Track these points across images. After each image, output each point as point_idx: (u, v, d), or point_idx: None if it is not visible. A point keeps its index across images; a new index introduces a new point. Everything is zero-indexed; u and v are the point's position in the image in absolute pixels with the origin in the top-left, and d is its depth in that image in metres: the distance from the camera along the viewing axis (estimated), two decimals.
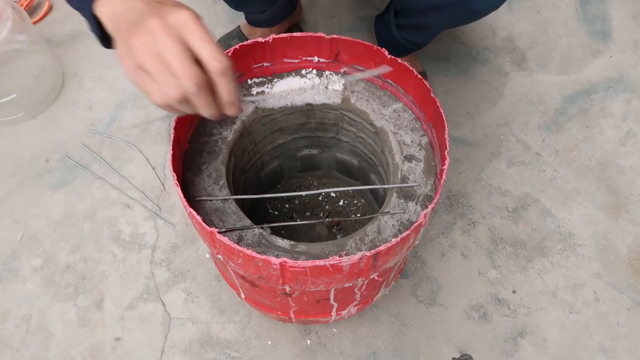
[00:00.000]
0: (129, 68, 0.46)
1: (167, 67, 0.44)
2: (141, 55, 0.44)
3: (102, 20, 0.49)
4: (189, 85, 0.44)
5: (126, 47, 0.45)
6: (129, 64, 0.46)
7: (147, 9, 0.46)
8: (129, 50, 0.45)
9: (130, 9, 0.47)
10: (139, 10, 0.46)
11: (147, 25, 0.44)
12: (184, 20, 0.45)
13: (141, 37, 0.44)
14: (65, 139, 1.04)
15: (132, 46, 0.45)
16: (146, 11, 0.45)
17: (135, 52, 0.44)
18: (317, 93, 0.71)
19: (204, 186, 0.63)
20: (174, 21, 0.44)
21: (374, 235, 0.59)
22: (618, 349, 0.84)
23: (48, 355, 0.83)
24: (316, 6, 1.22)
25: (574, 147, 1.04)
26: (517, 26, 1.21)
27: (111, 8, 0.48)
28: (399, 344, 0.84)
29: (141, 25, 0.44)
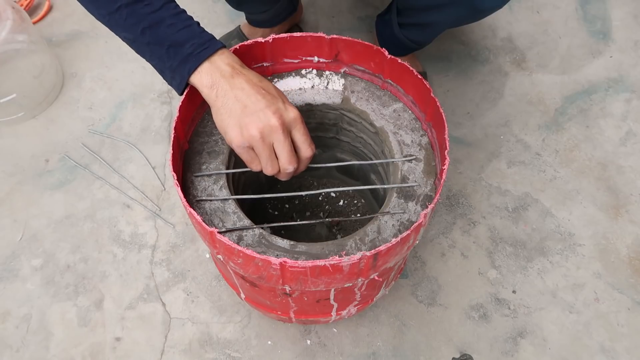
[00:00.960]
0: (238, 144, 0.56)
1: (274, 154, 0.57)
2: (256, 142, 0.55)
3: (201, 88, 0.57)
4: (290, 168, 0.58)
5: (240, 129, 0.55)
6: (239, 142, 0.56)
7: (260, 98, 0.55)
8: (244, 132, 0.55)
9: (238, 89, 0.56)
10: (250, 93, 0.55)
11: (268, 120, 0.54)
12: (294, 119, 0.56)
13: (260, 127, 0.54)
14: (65, 139, 1.04)
15: (250, 133, 0.55)
16: (263, 103, 0.55)
17: (252, 138, 0.55)
18: (317, 93, 0.71)
19: (204, 186, 0.63)
20: (287, 120, 0.56)
21: (374, 235, 0.59)
22: (618, 349, 0.84)
23: (48, 355, 0.83)
24: (316, 6, 1.22)
25: (574, 147, 1.04)
26: (517, 26, 1.21)
27: (212, 80, 0.56)
28: (399, 344, 0.84)
29: (262, 118, 0.54)
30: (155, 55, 0.58)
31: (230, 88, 0.55)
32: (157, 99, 1.09)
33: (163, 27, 0.56)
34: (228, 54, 0.58)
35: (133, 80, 1.12)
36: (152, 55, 0.58)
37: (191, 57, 0.56)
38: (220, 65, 0.56)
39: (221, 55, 0.57)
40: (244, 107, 0.55)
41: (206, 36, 0.57)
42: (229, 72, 0.56)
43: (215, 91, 0.56)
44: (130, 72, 1.13)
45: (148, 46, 0.57)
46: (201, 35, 0.57)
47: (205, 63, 0.56)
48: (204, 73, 0.56)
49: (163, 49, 0.57)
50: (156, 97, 1.09)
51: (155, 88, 1.10)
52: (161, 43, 0.56)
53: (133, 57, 1.15)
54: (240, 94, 0.55)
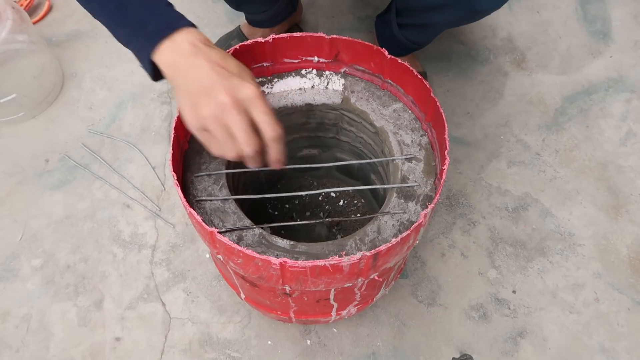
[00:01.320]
0: (194, 127, 0.53)
1: (231, 136, 0.52)
2: (209, 123, 0.52)
3: (162, 68, 0.54)
4: (248, 150, 0.53)
5: (193, 110, 0.52)
6: (194, 124, 0.53)
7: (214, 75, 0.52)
8: (196, 113, 0.52)
9: (195, 67, 0.52)
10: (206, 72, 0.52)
11: (219, 99, 0.51)
12: (250, 95, 0.52)
13: (211, 107, 0.51)
14: (65, 139, 1.04)
15: (201, 113, 0.52)
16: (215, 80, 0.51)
17: (204, 119, 0.52)
18: (317, 93, 0.71)
19: (204, 186, 0.63)
20: (241, 96, 0.52)
21: (374, 235, 0.59)
22: (618, 349, 0.84)
23: (48, 355, 0.83)
24: (316, 6, 1.22)
25: (574, 147, 1.04)
26: (517, 26, 1.21)
27: (172, 59, 0.53)
28: (399, 344, 0.84)
29: (212, 96, 0.51)
30: (126, 37, 0.56)
31: (188, 68, 0.52)
32: (157, 99, 1.09)
33: (130, 8, 0.54)
34: (194, 32, 0.54)
35: (133, 80, 1.12)
36: (123, 37, 0.56)
37: (153, 36, 0.53)
38: (182, 43, 0.53)
39: (185, 33, 0.54)
40: (199, 86, 0.52)
41: (172, 14, 0.55)
42: (190, 50, 0.53)
43: (174, 71, 0.53)
44: (130, 72, 1.13)
45: (118, 28, 0.56)
46: (167, 13, 0.55)
47: (166, 41, 0.53)
48: (164, 52, 0.53)
49: (130, 29, 0.55)
50: (156, 97, 1.09)
51: (155, 88, 1.10)
52: (128, 24, 0.55)
53: (133, 57, 1.15)
54: (196, 72, 0.52)
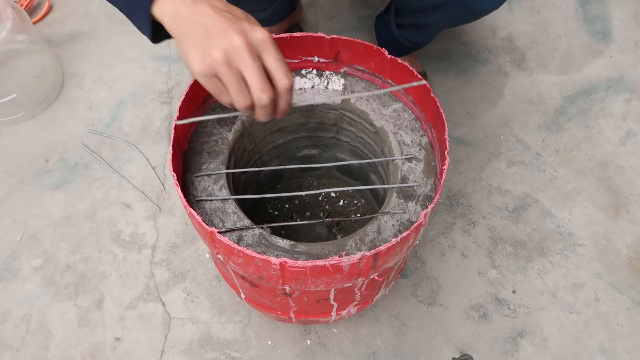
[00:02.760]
0: (201, 73, 0.49)
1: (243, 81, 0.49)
2: (220, 67, 0.48)
3: (163, 19, 0.51)
4: (264, 98, 0.49)
5: (203, 54, 0.48)
6: (202, 69, 0.49)
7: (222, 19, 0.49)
8: (205, 57, 0.48)
9: (199, 13, 0.49)
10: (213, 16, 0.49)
11: (232, 41, 0.48)
12: (263, 40, 0.49)
13: (223, 50, 0.48)
14: (65, 139, 1.04)
15: (212, 56, 0.48)
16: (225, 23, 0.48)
17: (215, 62, 0.48)
18: (317, 93, 0.71)
19: (204, 186, 0.63)
20: (254, 40, 0.49)
21: (374, 235, 0.59)
22: (618, 349, 0.84)
23: (48, 355, 0.83)
24: (316, 6, 1.22)
25: (574, 147, 1.04)
26: (517, 26, 1.21)
27: (173, 8, 0.50)
28: (399, 344, 0.84)
29: (224, 39, 0.48)
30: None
31: (191, 14, 0.50)
32: (157, 99, 1.09)
33: None
34: None
35: (133, 80, 1.12)
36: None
37: None
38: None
39: None
40: (205, 30, 0.49)
41: None
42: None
43: (177, 19, 0.50)
44: (130, 72, 1.13)
45: None
46: None
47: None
48: (164, 2, 0.51)
49: None
50: (156, 97, 1.09)
51: (155, 88, 1.10)
52: None
53: (133, 57, 1.16)
54: (201, 18, 0.49)
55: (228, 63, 0.48)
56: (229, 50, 0.48)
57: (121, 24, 1.20)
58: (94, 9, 1.22)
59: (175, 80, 1.11)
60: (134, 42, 1.17)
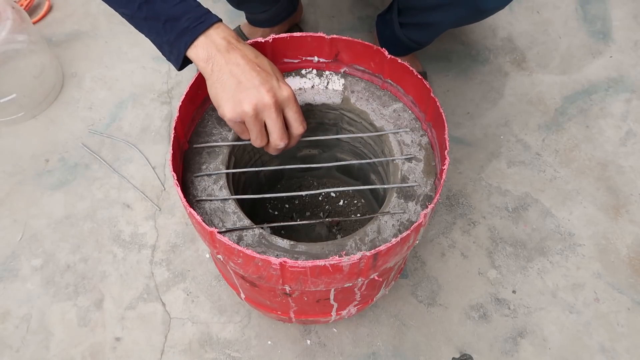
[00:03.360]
0: (231, 119, 0.57)
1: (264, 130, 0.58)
2: (249, 118, 0.56)
3: (197, 62, 0.58)
4: (280, 145, 0.59)
5: (236, 104, 0.56)
6: (232, 116, 0.57)
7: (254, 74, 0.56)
8: (237, 108, 0.56)
9: (233, 64, 0.56)
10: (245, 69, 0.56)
11: (262, 98, 0.55)
12: (288, 98, 0.57)
13: (254, 104, 0.55)
14: (65, 139, 1.04)
15: (243, 108, 0.56)
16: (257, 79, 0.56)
17: (244, 114, 0.56)
18: (317, 93, 0.71)
19: (204, 186, 0.63)
20: (281, 98, 0.57)
21: (374, 235, 0.59)
22: (618, 349, 0.84)
23: (48, 355, 0.83)
24: (316, 6, 1.22)
25: (574, 147, 1.04)
26: (517, 26, 1.21)
27: (207, 53, 0.57)
28: (399, 344, 0.84)
29: (256, 95, 0.55)
30: (153, 30, 0.59)
31: (225, 63, 0.56)
32: (157, 99, 1.09)
33: (159, 2, 0.57)
34: (224, 27, 0.58)
35: (133, 80, 1.12)
36: (150, 30, 0.59)
37: (187, 31, 0.57)
38: (216, 39, 0.57)
39: (217, 29, 0.57)
40: (239, 82, 0.56)
41: (202, 10, 0.58)
42: (225, 46, 0.57)
43: (210, 65, 0.57)
44: (130, 72, 1.13)
45: (145, 21, 0.58)
46: (197, 9, 0.58)
47: (201, 37, 0.57)
48: (200, 47, 0.57)
49: (160, 23, 0.57)
50: (156, 97, 1.09)
51: (155, 88, 1.10)
52: (158, 18, 0.57)
53: (133, 57, 1.16)
54: (235, 70, 0.56)
55: (256, 115, 0.56)
56: (259, 106, 0.56)
57: (121, 24, 1.18)
58: (94, 9, 1.22)
59: (175, 80, 1.11)
60: (134, 42, 1.17)
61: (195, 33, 0.57)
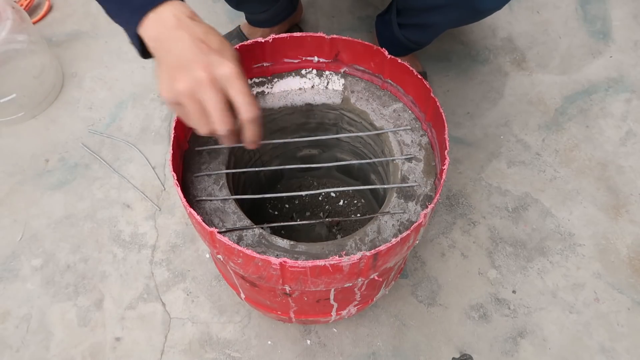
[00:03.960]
0: (168, 100, 0.52)
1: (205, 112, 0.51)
2: (183, 98, 0.51)
3: (145, 40, 0.53)
4: (221, 129, 0.52)
5: (169, 83, 0.51)
6: (168, 97, 0.52)
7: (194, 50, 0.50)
8: (171, 87, 0.51)
9: (177, 40, 0.51)
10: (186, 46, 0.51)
11: (195, 74, 0.50)
12: (228, 74, 0.50)
13: (187, 82, 0.50)
14: (65, 139, 1.04)
15: (176, 87, 0.50)
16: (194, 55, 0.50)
17: (179, 93, 0.51)
18: (317, 93, 0.71)
19: (204, 186, 0.63)
20: (219, 74, 0.50)
21: (374, 235, 0.59)
22: (618, 349, 0.84)
23: (48, 355, 0.83)
24: (316, 6, 1.22)
25: (574, 147, 1.04)
26: (517, 26, 1.21)
27: (156, 31, 0.52)
28: (399, 344, 0.84)
29: (188, 71, 0.50)
30: (113, 11, 0.56)
31: (169, 41, 0.52)
32: (157, 99, 1.09)
33: None
34: (179, 5, 0.53)
35: (133, 80, 1.12)
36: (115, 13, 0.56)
37: (139, 9, 0.53)
38: (166, 16, 0.52)
39: (169, 6, 0.53)
40: (176, 60, 0.51)
41: None
42: (173, 23, 0.52)
43: (158, 43, 0.53)
44: (130, 72, 1.13)
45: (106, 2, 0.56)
46: None
47: (151, 14, 0.52)
48: (149, 25, 0.52)
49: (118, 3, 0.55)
50: (156, 97, 1.09)
51: (155, 88, 1.10)
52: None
53: (133, 57, 1.16)
54: (177, 46, 0.51)
55: (190, 95, 0.50)
56: (192, 84, 0.50)
57: None
58: (94, 9, 1.22)
59: None
60: None
61: (145, 9, 0.52)
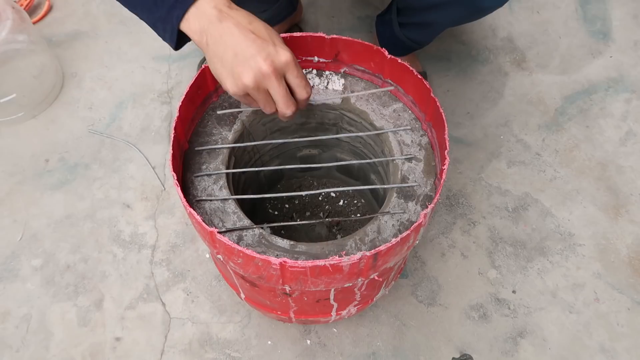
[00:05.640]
0: (235, 94, 0.56)
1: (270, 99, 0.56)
2: (251, 90, 0.55)
3: (191, 35, 0.56)
4: (287, 112, 0.57)
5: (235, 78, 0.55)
6: (235, 91, 0.56)
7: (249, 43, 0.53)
8: (237, 82, 0.55)
9: (227, 34, 0.54)
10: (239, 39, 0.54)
11: (260, 68, 0.53)
12: (286, 62, 0.55)
13: (252, 76, 0.54)
14: (65, 139, 1.04)
15: (243, 82, 0.54)
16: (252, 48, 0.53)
17: (245, 87, 0.55)
18: (317, 93, 0.71)
19: (204, 186, 0.63)
20: (279, 64, 0.54)
21: (374, 235, 0.59)
22: (618, 349, 0.84)
23: (48, 355, 0.83)
24: (316, 6, 1.22)
25: (574, 147, 1.04)
26: (517, 26, 1.21)
27: (200, 25, 0.55)
28: (399, 344, 0.84)
29: (253, 66, 0.53)
30: (145, 8, 0.57)
31: (219, 34, 0.54)
32: (157, 99, 1.09)
33: None
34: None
35: (133, 80, 1.12)
36: (143, 8, 0.57)
37: (177, 4, 0.55)
38: (207, 9, 0.54)
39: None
40: (235, 55, 0.54)
41: None
42: (217, 15, 0.54)
43: (205, 38, 0.55)
44: (130, 72, 1.13)
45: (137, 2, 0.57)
46: None
47: (192, 8, 0.55)
48: (191, 19, 0.55)
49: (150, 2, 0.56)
50: (156, 97, 1.09)
51: (155, 88, 1.10)
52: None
53: (133, 57, 1.16)
54: (229, 40, 0.54)
55: (257, 86, 0.55)
56: (258, 77, 0.54)
57: (121, 23, 1.20)
58: (94, 9, 1.22)
59: (175, 80, 1.11)
60: (133, 42, 1.17)
61: (185, 5, 0.54)
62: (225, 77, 0.55)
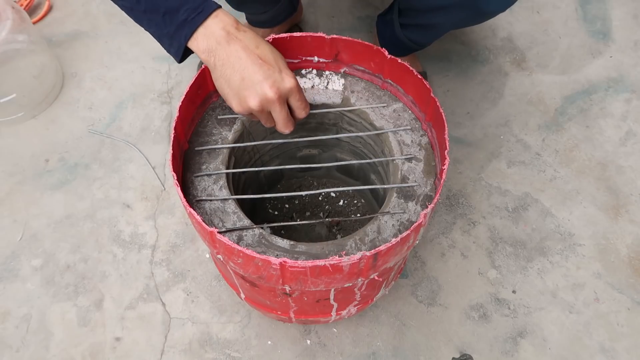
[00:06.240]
0: (238, 112, 0.60)
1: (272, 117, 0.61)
2: (255, 112, 0.59)
3: (198, 53, 0.58)
4: (285, 132, 0.62)
5: (241, 101, 0.58)
6: (240, 111, 0.59)
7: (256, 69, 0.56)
8: (243, 104, 0.58)
9: (234, 57, 0.56)
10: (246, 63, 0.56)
11: (266, 95, 0.57)
12: (290, 89, 0.58)
13: (257, 101, 0.57)
14: (65, 139, 1.04)
15: (248, 105, 0.58)
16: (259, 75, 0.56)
17: (250, 109, 0.58)
18: (317, 93, 0.71)
19: (204, 186, 0.63)
20: (284, 91, 0.58)
21: (374, 235, 0.59)
22: (618, 349, 0.84)
23: (48, 355, 0.83)
24: (316, 6, 1.22)
25: (574, 147, 1.04)
26: (517, 26, 1.21)
27: (207, 45, 0.57)
28: (399, 344, 0.84)
29: (259, 91, 0.57)
30: (152, 23, 0.58)
31: (227, 56, 0.56)
32: (157, 99, 1.09)
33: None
34: (223, 15, 0.57)
35: (133, 80, 1.12)
36: (150, 23, 0.59)
37: (186, 23, 0.56)
38: (215, 29, 0.56)
39: (215, 18, 0.57)
40: (242, 79, 0.56)
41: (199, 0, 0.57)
42: (224, 37, 0.56)
43: (213, 58, 0.57)
44: (130, 72, 1.13)
45: (144, 14, 0.58)
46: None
47: (200, 29, 0.56)
48: (199, 39, 0.57)
49: (159, 16, 0.57)
50: (156, 97, 1.09)
51: (155, 88, 1.10)
52: (156, 10, 0.57)
53: (133, 57, 1.16)
54: (237, 64, 0.56)
55: (261, 109, 0.58)
56: (263, 102, 0.57)
57: (121, 23, 1.20)
58: (94, 9, 1.22)
59: (175, 80, 1.11)
60: (133, 42, 1.17)
61: (193, 25, 0.56)
62: (232, 98, 0.58)
